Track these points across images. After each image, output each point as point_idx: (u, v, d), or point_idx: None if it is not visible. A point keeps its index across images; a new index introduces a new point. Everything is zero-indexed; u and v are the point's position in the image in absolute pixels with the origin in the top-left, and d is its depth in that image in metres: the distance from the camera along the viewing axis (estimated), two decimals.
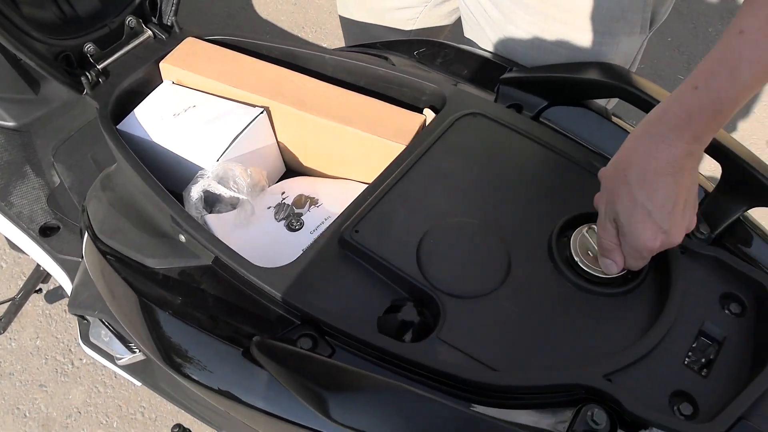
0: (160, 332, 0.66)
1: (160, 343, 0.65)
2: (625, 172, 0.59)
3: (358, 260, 0.66)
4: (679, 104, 0.55)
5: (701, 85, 0.54)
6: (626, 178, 0.58)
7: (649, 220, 0.58)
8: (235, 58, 0.91)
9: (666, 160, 0.56)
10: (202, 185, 0.77)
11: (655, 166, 0.57)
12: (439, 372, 0.57)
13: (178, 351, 0.64)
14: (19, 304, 1.32)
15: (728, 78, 0.52)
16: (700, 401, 0.57)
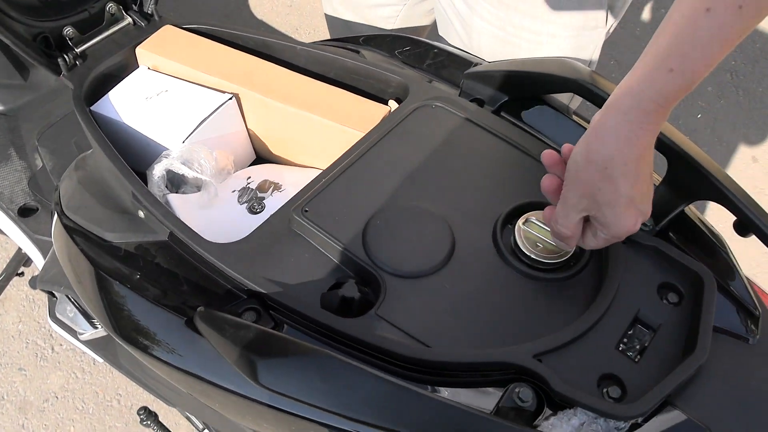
0: (112, 302, 0.67)
1: (112, 312, 0.67)
2: (605, 165, 0.56)
3: (306, 239, 0.68)
4: (654, 89, 0.53)
5: (676, 68, 0.52)
6: (607, 171, 0.56)
7: (633, 207, 0.57)
8: (210, 47, 0.93)
9: (645, 146, 0.55)
10: (165, 164, 0.79)
11: (638, 153, 0.55)
12: (374, 347, 0.58)
13: (128, 320, 0.66)
14: (0, 285, 1.34)
15: (701, 58, 0.51)
16: (628, 385, 0.58)
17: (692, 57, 0.52)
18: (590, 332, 0.60)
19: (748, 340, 0.61)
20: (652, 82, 0.53)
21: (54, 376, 1.48)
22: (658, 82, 0.53)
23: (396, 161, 0.73)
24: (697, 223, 0.68)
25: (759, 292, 0.65)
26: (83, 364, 1.50)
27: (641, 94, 0.54)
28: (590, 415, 0.55)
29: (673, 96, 0.53)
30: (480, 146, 0.76)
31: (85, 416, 1.44)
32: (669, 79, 0.52)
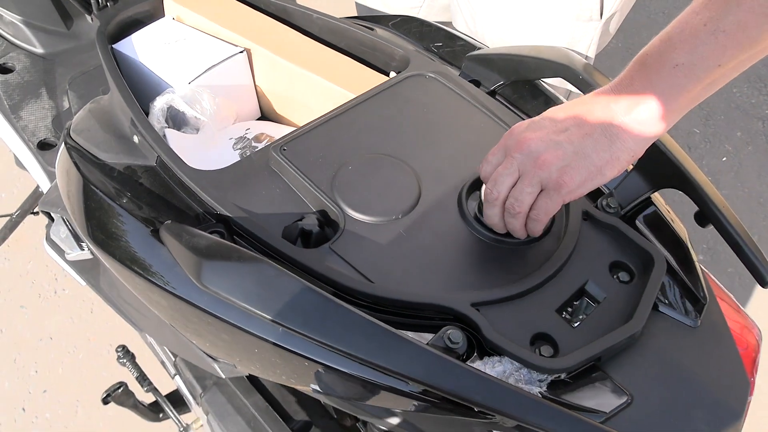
0: (90, 208, 0.71)
1: (88, 217, 0.70)
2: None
3: (280, 176, 0.70)
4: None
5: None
6: None
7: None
8: (233, 5, 0.98)
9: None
10: (167, 99, 0.83)
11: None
12: (321, 275, 0.60)
13: (101, 225, 0.69)
14: (16, 221, 1.40)
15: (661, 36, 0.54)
16: (562, 346, 0.58)
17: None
18: (533, 293, 0.61)
19: (690, 325, 0.61)
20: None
21: (52, 318, 1.53)
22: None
23: (380, 119, 0.76)
24: (663, 213, 0.69)
25: (711, 283, 0.65)
26: (81, 311, 1.55)
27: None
28: (515, 365, 0.56)
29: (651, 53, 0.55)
30: (465, 117, 0.78)
31: (74, 360, 1.48)
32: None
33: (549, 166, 0.58)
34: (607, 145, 0.57)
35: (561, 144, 0.57)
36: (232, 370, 0.71)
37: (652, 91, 0.55)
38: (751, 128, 2.08)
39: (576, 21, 0.87)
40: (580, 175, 0.58)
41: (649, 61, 0.54)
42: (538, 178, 0.59)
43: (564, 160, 0.57)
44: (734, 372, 0.58)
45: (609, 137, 0.57)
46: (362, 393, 0.56)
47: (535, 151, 0.58)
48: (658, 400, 0.56)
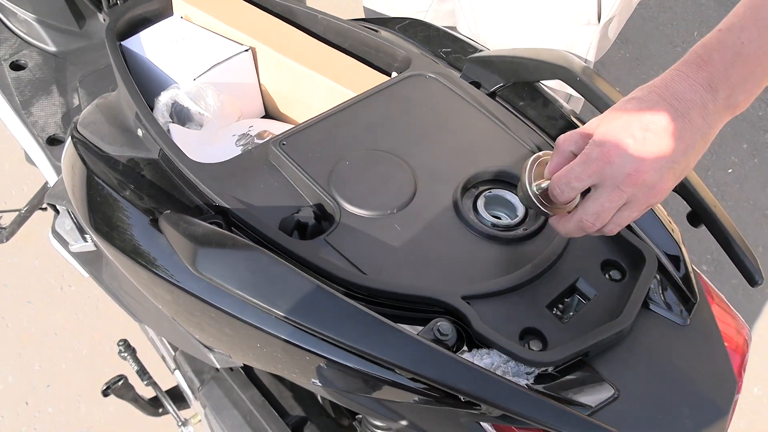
0: (93, 197, 0.72)
1: (90, 206, 0.72)
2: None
3: (279, 170, 0.72)
4: (701, 45, 0.53)
5: (724, 27, 0.52)
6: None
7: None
8: (241, 6, 1.00)
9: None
10: (172, 94, 0.85)
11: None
12: (315, 266, 0.61)
13: (102, 214, 0.71)
14: (24, 216, 1.42)
15: (752, 18, 0.51)
16: (551, 341, 0.59)
17: (744, 17, 0.52)
18: (524, 288, 0.62)
19: (680, 323, 0.62)
20: (701, 42, 0.54)
21: (58, 314, 1.55)
22: (706, 40, 0.53)
23: (379, 117, 0.77)
24: (656, 213, 0.69)
25: (703, 283, 0.65)
26: (86, 308, 1.56)
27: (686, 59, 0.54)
28: (503, 357, 0.56)
29: (716, 52, 0.52)
30: (464, 118, 0.79)
31: (78, 355, 1.50)
32: (716, 36, 0.53)
33: (664, 191, 0.55)
34: (703, 146, 0.54)
35: (672, 167, 0.53)
36: (227, 360, 0.72)
37: (751, 81, 0.52)
38: (758, 140, 2.07)
39: (574, 24, 0.88)
40: (674, 182, 0.55)
41: (747, 51, 0.51)
42: (649, 204, 0.55)
43: (675, 180, 0.55)
44: (722, 371, 0.58)
45: (707, 141, 0.54)
46: (350, 382, 0.56)
47: (650, 184, 0.53)
48: (644, 396, 0.56)
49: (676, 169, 0.53)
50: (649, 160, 0.52)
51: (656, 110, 0.52)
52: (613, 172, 0.53)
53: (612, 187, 0.54)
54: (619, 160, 0.53)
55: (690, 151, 0.53)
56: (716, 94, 0.52)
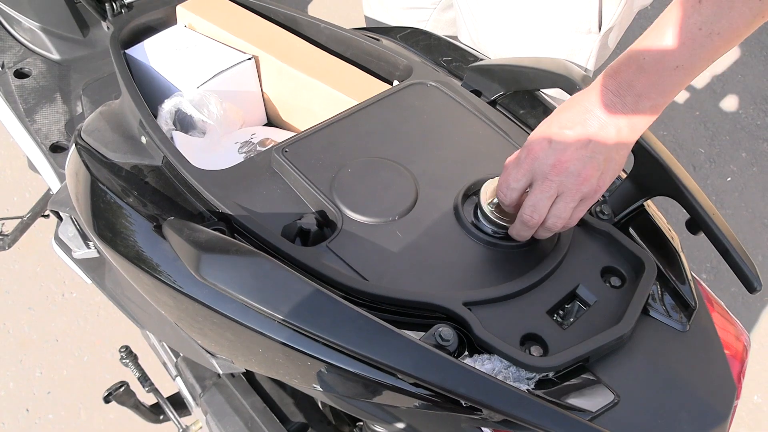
0: (97, 204, 0.73)
1: (94, 212, 0.73)
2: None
3: (282, 177, 0.72)
4: (616, 60, 0.60)
5: (634, 45, 0.58)
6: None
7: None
8: (243, 14, 1.01)
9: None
10: (176, 102, 0.86)
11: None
12: (317, 273, 0.62)
13: (106, 220, 0.71)
14: (26, 223, 1.43)
15: (654, 39, 0.57)
16: (552, 347, 0.59)
17: (645, 37, 0.58)
18: (524, 294, 0.62)
19: (680, 329, 0.62)
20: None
21: (59, 321, 1.55)
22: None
23: (380, 124, 0.78)
24: (656, 221, 0.70)
25: (702, 290, 0.66)
26: (88, 315, 1.57)
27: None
28: (504, 363, 0.57)
29: (623, 61, 0.59)
30: (465, 125, 0.79)
31: (79, 362, 1.50)
32: (627, 52, 0.59)
33: (590, 179, 0.61)
34: (625, 145, 0.61)
35: (593, 157, 0.60)
36: (229, 366, 0.73)
37: (654, 90, 0.58)
38: (756, 149, 2.08)
39: (575, 33, 0.89)
40: (610, 176, 0.62)
41: (647, 65, 0.57)
42: (581, 194, 0.61)
43: (599, 169, 0.61)
44: (721, 376, 0.59)
45: (622, 137, 0.60)
46: (353, 387, 0.57)
47: (574, 171, 0.60)
48: (644, 401, 0.56)
49: (598, 159, 0.60)
50: (569, 151, 0.60)
51: (572, 112, 0.61)
52: (540, 166, 0.61)
53: (542, 179, 0.61)
54: (543, 155, 0.61)
55: (608, 144, 0.60)
56: (624, 99, 0.59)
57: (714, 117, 2.15)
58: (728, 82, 2.28)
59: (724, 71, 2.33)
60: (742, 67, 2.35)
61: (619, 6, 0.93)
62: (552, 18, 0.93)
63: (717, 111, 2.17)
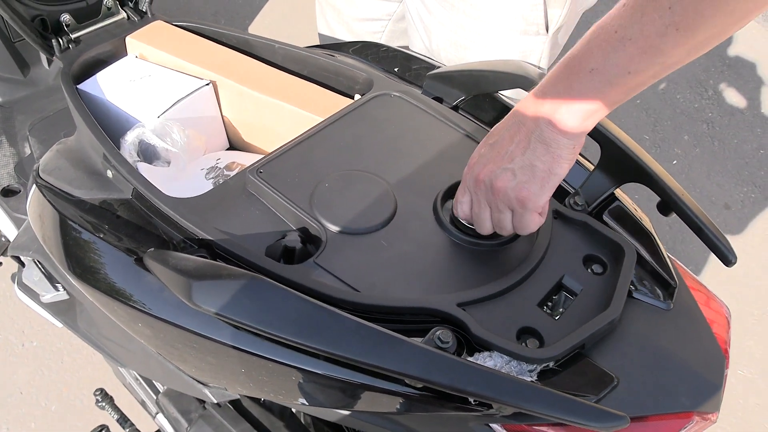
0: (68, 243, 0.71)
1: (67, 251, 0.70)
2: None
3: (258, 198, 0.72)
4: (546, 78, 0.60)
5: (597, 67, 0.55)
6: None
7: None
8: (195, 41, 1.00)
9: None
10: (138, 133, 0.84)
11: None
12: (308, 289, 0.62)
13: (81, 259, 0.69)
14: None
15: (581, 42, 0.56)
16: (546, 338, 0.60)
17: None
18: (514, 290, 0.64)
19: (664, 308, 0.64)
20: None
21: (22, 372, 1.49)
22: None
23: (351, 138, 0.78)
24: (627, 207, 0.72)
25: (678, 267, 0.68)
26: (51, 362, 1.51)
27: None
28: (505, 358, 0.58)
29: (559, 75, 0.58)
30: (432, 132, 0.81)
31: (47, 413, 1.44)
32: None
33: (504, 191, 0.62)
34: (545, 149, 0.59)
35: (506, 168, 0.61)
36: (223, 394, 0.71)
37: (571, 93, 0.57)
38: (697, 131, 2.18)
39: (523, 35, 0.92)
40: (534, 184, 0.61)
41: (571, 64, 0.56)
42: (503, 204, 0.63)
43: (513, 180, 0.61)
44: (709, 348, 0.61)
45: (544, 142, 0.59)
46: (361, 399, 0.57)
47: (488, 184, 0.63)
48: (642, 380, 0.58)
49: (513, 170, 0.61)
50: (488, 164, 0.63)
51: (500, 126, 0.64)
52: (470, 182, 0.66)
53: (474, 194, 0.66)
54: (470, 172, 0.66)
55: (527, 152, 0.60)
56: (543, 103, 0.59)
57: (654, 104, 2.24)
58: None
59: None
60: None
61: (563, 8, 0.96)
62: (500, 22, 0.96)
63: (656, 98, 2.26)
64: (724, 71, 2.42)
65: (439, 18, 0.95)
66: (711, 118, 2.23)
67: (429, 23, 1.00)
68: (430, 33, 1.00)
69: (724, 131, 2.18)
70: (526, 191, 0.61)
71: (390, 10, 1.17)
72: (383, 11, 1.17)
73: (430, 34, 0.99)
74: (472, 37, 0.93)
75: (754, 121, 2.25)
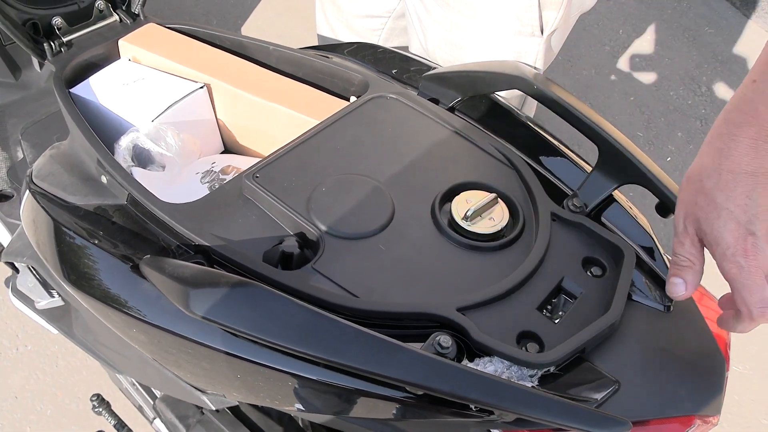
0: (63, 250, 0.70)
1: (62, 258, 0.70)
2: (700, 179, 0.56)
3: (255, 203, 0.71)
4: (743, 100, 0.54)
5: (759, 78, 0.53)
6: (702, 184, 0.56)
7: (732, 220, 0.54)
8: (189, 43, 0.99)
9: (740, 158, 0.53)
10: (132, 138, 0.83)
11: (729, 166, 0.54)
12: (307, 295, 0.61)
13: (77, 266, 0.69)
14: None
15: None
16: (547, 342, 0.60)
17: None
18: (513, 294, 0.63)
19: (663, 310, 0.64)
20: (741, 95, 0.55)
21: (16, 376, 1.48)
22: (744, 93, 0.54)
23: (347, 141, 0.78)
24: (626, 209, 0.72)
25: None
26: (45, 366, 1.50)
27: (733, 107, 0.55)
28: (505, 363, 0.57)
29: (760, 105, 0.53)
30: (429, 134, 0.80)
31: (42, 418, 1.43)
32: (753, 88, 0.54)
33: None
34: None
35: (734, 217, 0.55)
36: (221, 401, 0.71)
37: None
38: (691, 128, 2.18)
39: (518, 36, 0.92)
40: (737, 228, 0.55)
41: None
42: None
43: (737, 226, 0.55)
44: (710, 350, 0.61)
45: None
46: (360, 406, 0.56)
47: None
48: (643, 384, 0.58)
49: (739, 218, 0.54)
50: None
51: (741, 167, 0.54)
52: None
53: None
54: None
55: (749, 201, 0.54)
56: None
57: (648, 101, 2.24)
58: (657, 66, 2.39)
59: (651, 56, 2.44)
60: (668, 51, 2.46)
61: (558, 11, 0.96)
62: (495, 22, 0.96)
63: (650, 95, 2.27)
64: (717, 67, 2.42)
65: (435, 16, 0.94)
66: (704, 115, 2.23)
67: (426, 22, 1.00)
68: (426, 32, 1.00)
69: None
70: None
71: (390, 7, 1.16)
72: (383, 8, 1.17)
73: (426, 33, 0.99)
74: (467, 36, 0.93)
75: None
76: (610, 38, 2.45)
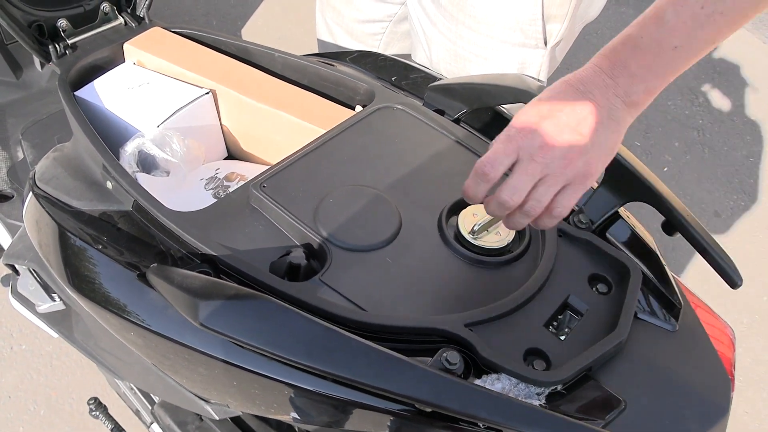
0: (68, 255, 0.70)
1: (67, 264, 0.69)
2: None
3: (262, 212, 0.71)
4: (612, 41, 0.59)
5: (632, 24, 0.57)
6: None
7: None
8: (194, 48, 0.99)
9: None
10: (138, 143, 0.83)
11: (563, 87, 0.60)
12: (314, 308, 0.61)
13: (82, 272, 0.68)
14: None
15: (653, 17, 0.56)
16: (553, 360, 0.60)
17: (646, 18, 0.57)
18: (520, 310, 0.63)
19: (669, 329, 0.65)
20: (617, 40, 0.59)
21: (9, 375, 1.47)
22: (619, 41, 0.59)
23: (354, 151, 0.78)
24: (632, 226, 0.72)
25: (683, 288, 0.69)
26: (40, 366, 1.49)
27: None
28: (512, 381, 0.58)
29: (619, 40, 0.58)
30: (435, 145, 0.80)
31: (35, 418, 1.42)
32: (624, 31, 0.58)
33: (576, 162, 0.59)
34: (615, 126, 0.60)
35: (582, 140, 0.59)
36: (225, 411, 0.71)
37: (650, 72, 0.57)
38: (688, 138, 2.20)
39: (522, 48, 0.92)
40: (601, 161, 0.61)
41: (644, 44, 0.56)
42: (565, 177, 0.60)
43: (585, 155, 0.59)
44: (715, 371, 0.61)
45: (616, 120, 0.59)
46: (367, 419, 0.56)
47: (560, 154, 0.59)
48: (649, 404, 0.58)
49: (586, 143, 0.59)
50: (557, 133, 0.58)
51: (563, 93, 0.60)
52: (528, 146, 0.59)
53: (527, 160, 0.59)
54: (532, 135, 0.59)
55: (600, 128, 0.58)
56: (617, 81, 0.57)
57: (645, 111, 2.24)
58: None
59: None
60: None
61: (562, 24, 0.96)
62: (499, 34, 0.96)
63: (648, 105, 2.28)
64: (715, 78, 2.44)
65: (440, 28, 0.95)
66: (701, 126, 2.25)
67: (430, 33, 1.00)
68: (431, 43, 1.00)
69: (714, 138, 2.20)
70: (593, 167, 0.60)
71: (390, 11, 1.16)
72: (384, 13, 1.17)
73: (431, 44, 0.99)
74: (471, 48, 0.93)
75: (744, 128, 2.27)
76: None
